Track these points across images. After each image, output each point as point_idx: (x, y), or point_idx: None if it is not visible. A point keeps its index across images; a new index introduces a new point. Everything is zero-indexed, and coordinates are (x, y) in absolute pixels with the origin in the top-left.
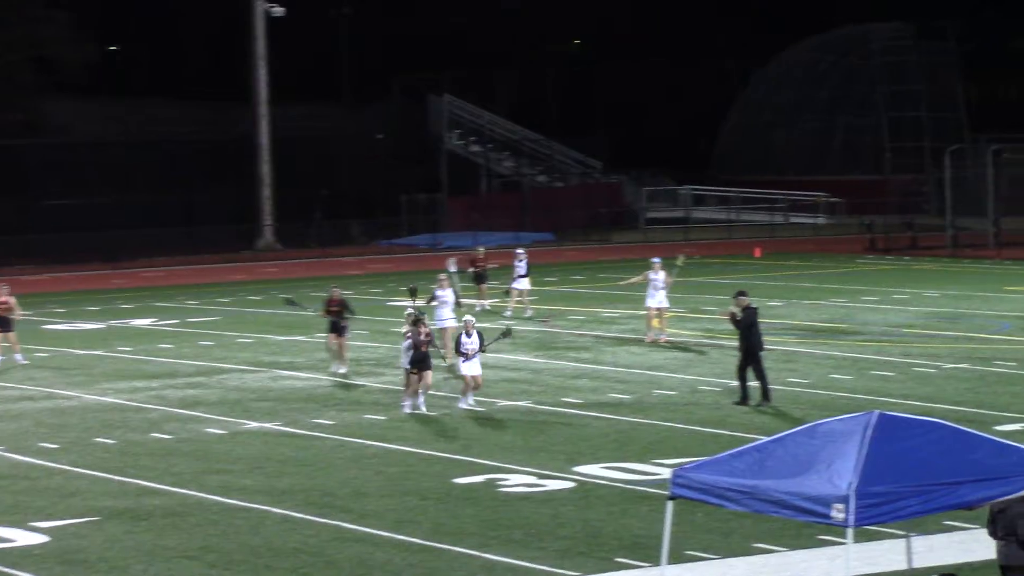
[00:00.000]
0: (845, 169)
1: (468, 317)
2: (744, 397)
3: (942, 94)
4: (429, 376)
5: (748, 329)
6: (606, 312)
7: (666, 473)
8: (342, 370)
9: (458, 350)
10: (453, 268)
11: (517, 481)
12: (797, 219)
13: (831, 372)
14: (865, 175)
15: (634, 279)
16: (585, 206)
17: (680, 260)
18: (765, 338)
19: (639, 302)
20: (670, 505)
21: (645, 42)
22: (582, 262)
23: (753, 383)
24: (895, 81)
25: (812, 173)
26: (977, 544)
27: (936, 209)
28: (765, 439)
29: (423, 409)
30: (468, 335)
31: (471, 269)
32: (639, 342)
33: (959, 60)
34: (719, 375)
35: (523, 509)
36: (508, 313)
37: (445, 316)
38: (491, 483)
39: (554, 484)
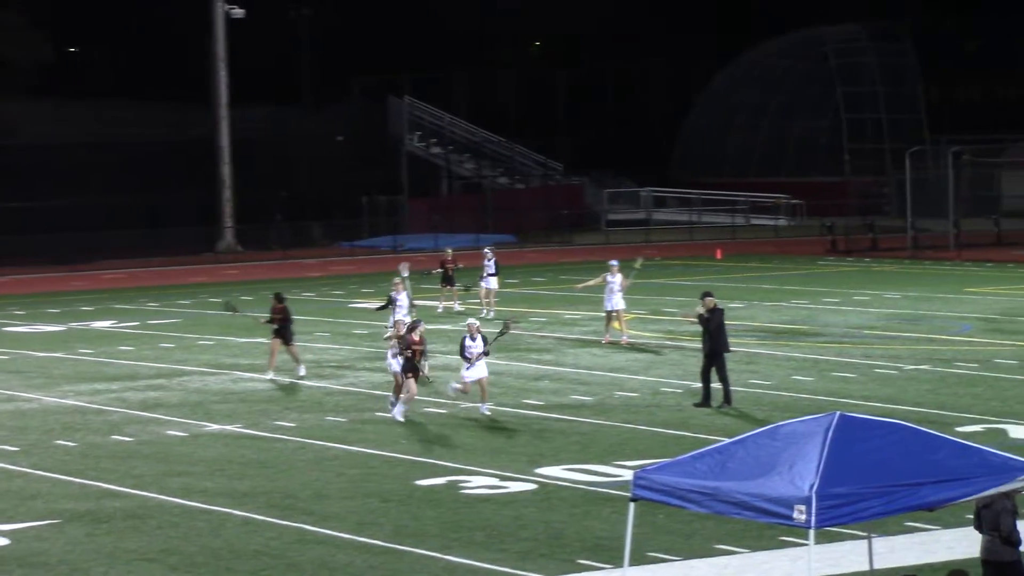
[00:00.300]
0: (805, 171)
1: (472, 320)
2: (706, 399)
3: (900, 96)
4: (413, 384)
5: (716, 330)
6: (567, 314)
7: (628, 475)
8: (301, 371)
9: (463, 354)
10: (405, 272)
11: (479, 483)
12: (758, 221)
13: (792, 373)
14: (825, 177)
15: (592, 281)
16: (546, 208)
17: (638, 263)
18: (728, 339)
19: (600, 304)
20: (632, 507)
21: (605, 44)
22: (543, 264)
23: (716, 385)
24: (853, 83)
25: (772, 175)
26: (938, 545)
27: (897, 211)
28: (727, 441)
29: (399, 417)
30: (472, 339)
31: (439, 270)
32: (600, 344)
33: (916, 62)
34: (681, 377)
35: (485, 511)
36: (490, 314)
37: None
38: (453, 485)
39: (516, 486)
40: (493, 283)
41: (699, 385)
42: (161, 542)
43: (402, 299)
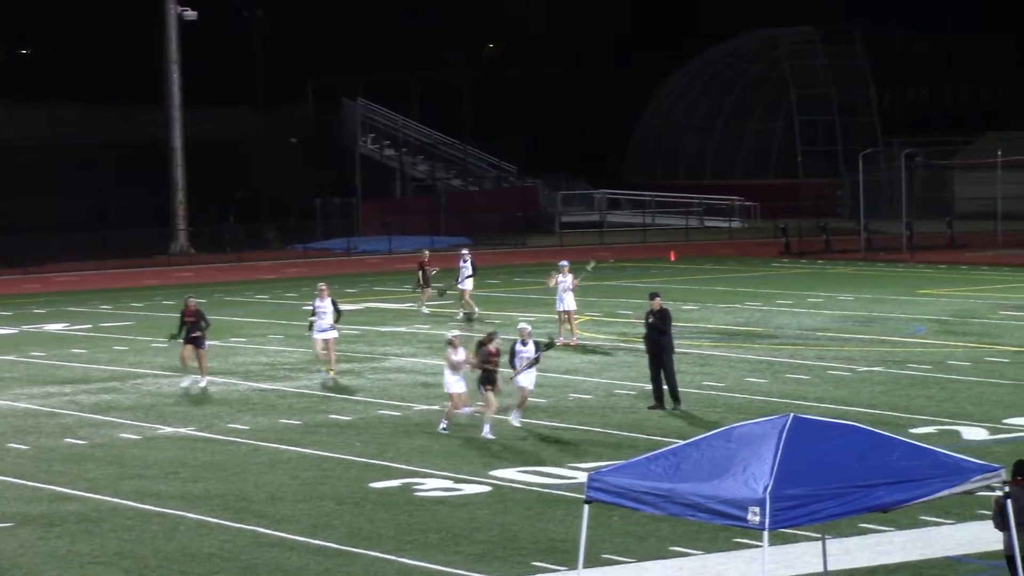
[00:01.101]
0: (758, 173)
1: (523, 325)
2: (659, 401)
3: (853, 98)
4: (493, 397)
5: (661, 331)
6: (521, 316)
7: (582, 477)
8: (202, 383)
9: (512, 362)
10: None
11: (433, 485)
12: (712, 223)
13: (746, 375)
14: (779, 179)
15: (551, 283)
16: (500, 210)
17: (591, 265)
18: (681, 341)
19: (553, 306)
20: (586, 509)
21: (560, 46)
22: (497, 266)
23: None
24: (806, 85)
25: (726, 177)
26: (891, 546)
27: (850, 213)
28: (681, 443)
29: (516, 423)
30: (524, 343)
31: (419, 272)
32: (554, 346)
33: (868, 64)
34: (635, 379)
35: (439, 513)
36: (475, 313)
37: (325, 327)
38: (407, 487)
39: (470, 488)
40: (468, 284)
41: (651, 387)
42: (115, 545)
43: (327, 305)
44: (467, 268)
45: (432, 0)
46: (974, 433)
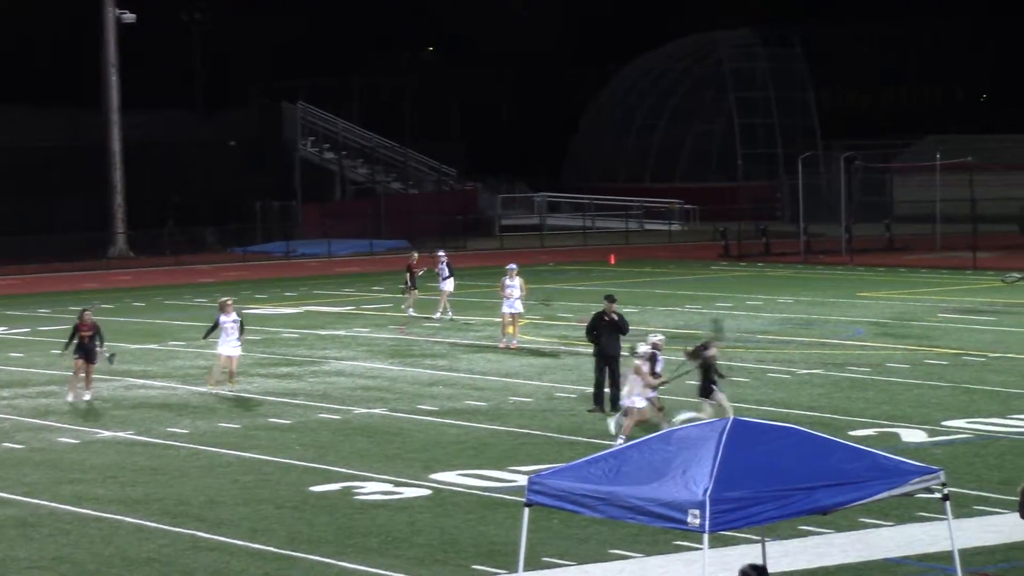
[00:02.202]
0: (698, 176)
1: (658, 337)
2: (599, 404)
3: (792, 101)
4: (708, 405)
5: (607, 336)
6: (462, 319)
7: (522, 480)
8: (86, 397)
9: (653, 372)
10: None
11: (373, 489)
12: (652, 226)
13: (685, 378)
14: (719, 182)
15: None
16: (440, 213)
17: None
18: (623, 345)
19: (493, 309)
20: (526, 512)
21: (500, 49)
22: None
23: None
24: (745, 88)
25: (666, 180)
26: (832, 548)
27: (790, 216)
28: (621, 445)
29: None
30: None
31: (407, 273)
32: (495, 349)
33: (808, 67)
34: (575, 382)
35: (379, 517)
36: (447, 315)
37: (233, 342)
38: (347, 491)
39: (410, 491)
40: (449, 285)
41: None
42: (53, 550)
43: (231, 319)
44: (444, 270)
45: (373, 4)
46: (913, 435)
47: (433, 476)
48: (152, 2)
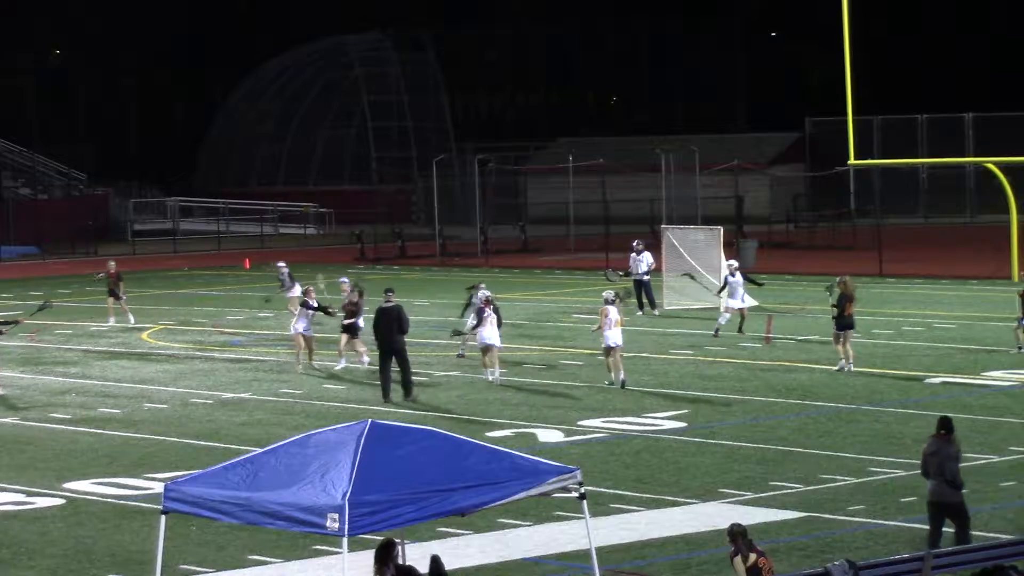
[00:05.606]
0: (332, 180)
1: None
2: (386, 393)
3: (425, 104)
4: None
5: (386, 327)
6: (94, 326)
7: (158, 487)
8: None
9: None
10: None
11: (4, 499)
12: (287, 230)
13: (323, 382)
14: (353, 185)
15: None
16: (70, 218)
17: (321, 283)
18: (259, 349)
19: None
20: (163, 519)
21: (122, 52)
22: (68, 275)
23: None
24: (378, 91)
25: (300, 184)
26: (471, 549)
27: (425, 218)
28: (258, 451)
29: None
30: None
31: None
32: (128, 356)
33: (440, 70)
34: (210, 387)
35: (11, 528)
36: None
37: None
38: None
39: (43, 501)
40: (296, 291)
41: (229, 395)
42: None
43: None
44: (286, 280)
45: None
46: (550, 435)
47: (67, 485)
48: None
